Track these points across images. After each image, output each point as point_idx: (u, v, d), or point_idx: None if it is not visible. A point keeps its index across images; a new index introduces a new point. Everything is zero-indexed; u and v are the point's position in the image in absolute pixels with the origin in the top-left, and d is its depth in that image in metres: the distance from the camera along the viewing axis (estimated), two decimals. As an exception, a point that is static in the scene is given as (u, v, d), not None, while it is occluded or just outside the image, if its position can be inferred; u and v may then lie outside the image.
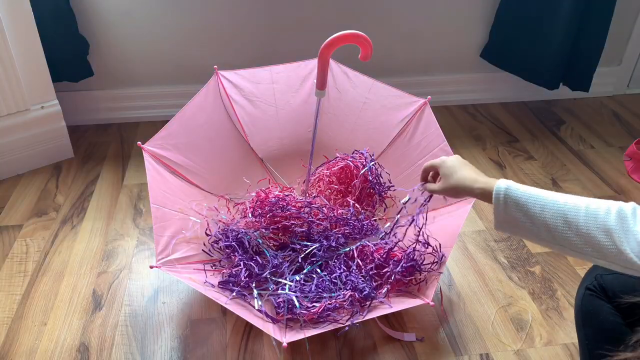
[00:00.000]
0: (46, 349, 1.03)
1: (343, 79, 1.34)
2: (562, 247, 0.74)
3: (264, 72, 1.33)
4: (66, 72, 1.65)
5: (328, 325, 0.97)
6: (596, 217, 0.70)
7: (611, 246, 0.68)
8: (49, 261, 1.24)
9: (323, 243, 1.11)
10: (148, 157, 1.14)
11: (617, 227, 0.68)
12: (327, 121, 1.34)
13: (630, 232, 0.67)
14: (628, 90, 2.09)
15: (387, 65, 1.86)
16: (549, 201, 0.74)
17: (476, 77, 1.96)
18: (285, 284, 1.04)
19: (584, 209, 0.71)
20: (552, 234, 0.73)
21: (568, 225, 0.72)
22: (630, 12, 1.89)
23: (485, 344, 1.05)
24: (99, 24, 1.66)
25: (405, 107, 1.30)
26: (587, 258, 0.73)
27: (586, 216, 0.70)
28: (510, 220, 0.77)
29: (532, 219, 0.75)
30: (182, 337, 1.06)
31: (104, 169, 1.58)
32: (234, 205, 1.26)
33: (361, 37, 1.03)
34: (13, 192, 1.47)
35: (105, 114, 1.82)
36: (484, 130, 1.83)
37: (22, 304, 1.13)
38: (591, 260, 0.72)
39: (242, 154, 1.33)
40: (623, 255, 0.67)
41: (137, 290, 1.17)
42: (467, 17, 1.84)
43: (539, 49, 1.74)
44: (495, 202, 0.78)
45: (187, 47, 1.75)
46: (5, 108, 1.45)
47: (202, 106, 1.25)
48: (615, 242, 0.68)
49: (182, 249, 1.07)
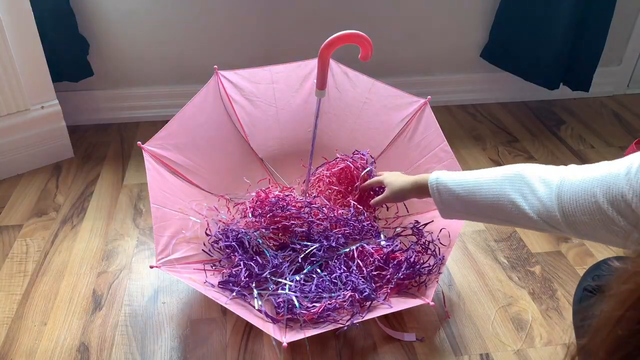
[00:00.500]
0: (46, 349, 1.03)
1: (343, 79, 1.34)
2: (490, 219, 0.82)
3: (264, 72, 1.33)
4: (66, 72, 1.65)
5: (328, 325, 0.98)
6: (501, 185, 0.77)
7: (515, 209, 0.75)
8: (49, 261, 1.24)
9: (323, 243, 1.11)
10: (148, 157, 1.14)
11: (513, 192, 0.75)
12: (327, 121, 1.34)
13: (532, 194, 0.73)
14: (628, 90, 2.09)
15: (387, 65, 1.86)
16: (470, 181, 0.83)
17: (476, 77, 1.96)
18: (285, 284, 1.04)
19: (492, 180, 0.79)
20: (478, 208, 0.82)
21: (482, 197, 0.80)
22: (630, 12, 1.90)
23: (485, 344, 1.05)
24: (99, 24, 1.66)
25: (405, 107, 1.30)
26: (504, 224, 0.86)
27: (493, 185, 0.78)
28: (448, 206, 0.87)
29: (462, 200, 0.84)
30: (182, 337, 1.06)
31: (104, 169, 1.58)
32: (234, 205, 1.26)
33: (361, 37, 1.03)
34: (13, 192, 1.47)
35: (105, 114, 1.82)
36: (484, 130, 1.83)
37: (22, 304, 1.13)
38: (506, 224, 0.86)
39: (242, 154, 1.33)
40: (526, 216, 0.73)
41: (137, 290, 1.17)
42: (467, 17, 1.84)
43: (539, 49, 1.74)
44: (432, 192, 0.88)
45: (187, 47, 1.75)
46: (5, 108, 1.45)
47: (202, 106, 1.25)
48: (518, 206, 0.74)
49: (182, 249, 1.07)
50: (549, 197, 0.70)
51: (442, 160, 1.21)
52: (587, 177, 0.67)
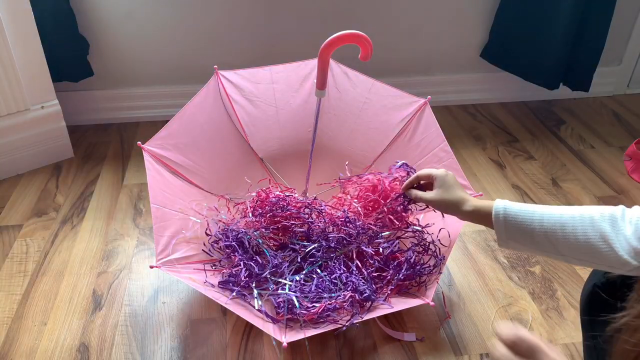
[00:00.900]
0: (46, 349, 1.03)
1: (343, 78, 1.34)
2: (564, 257, 0.77)
3: (264, 72, 1.33)
4: (66, 72, 1.65)
5: (328, 326, 0.97)
6: (592, 223, 0.73)
7: (607, 250, 0.71)
8: (49, 261, 1.24)
9: (322, 244, 1.11)
10: (148, 157, 1.14)
11: (610, 231, 0.71)
12: (327, 121, 1.34)
13: (621, 234, 0.70)
14: (628, 90, 2.09)
15: (387, 65, 1.86)
16: (546, 214, 0.78)
17: (476, 77, 1.96)
18: (285, 284, 1.04)
19: (579, 217, 0.75)
20: (553, 245, 0.77)
21: (566, 235, 0.75)
22: (630, 12, 1.90)
23: (485, 344, 1.05)
24: (99, 24, 1.66)
25: (405, 107, 1.30)
26: (587, 264, 0.77)
27: (582, 224, 0.74)
28: (513, 238, 0.81)
29: (532, 234, 0.78)
30: (182, 337, 1.06)
31: (104, 169, 1.58)
32: (234, 205, 1.26)
33: (361, 37, 1.03)
34: (13, 192, 1.47)
35: (105, 114, 1.82)
36: (484, 130, 1.83)
37: (22, 304, 1.13)
38: (592, 265, 0.76)
39: (242, 154, 1.33)
40: (618, 257, 0.70)
41: (137, 290, 1.17)
42: (467, 17, 1.84)
43: (539, 49, 1.74)
44: (496, 221, 0.82)
45: (187, 47, 1.75)
46: (5, 108, 1.45)
47: (202, 106, 1.25)
48: (611, 246, 0.70)
49: (182, 249, 1.07)
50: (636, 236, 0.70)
51: (442, 160, 1.21)
52: None
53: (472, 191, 1.17)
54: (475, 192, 1.16)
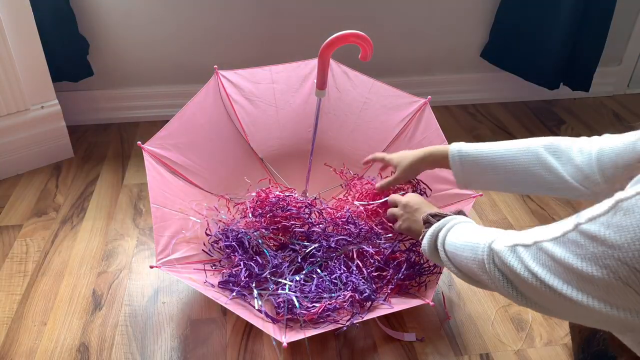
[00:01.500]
0: (46, 349, 1.03)
1: (343, 78, 1.34)
2: (517, 188, 0.89)
3: (264, 72, 1.33)
4: (66, 72, 1.65)
5: (328, 326, 0.97)
6: (537, 156, 0.83)
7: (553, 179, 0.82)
8: (48, 261, 1.24)
9: (322, 244, 1.11)
10: (148, 157, 1.14)
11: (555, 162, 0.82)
12: (327, 121, 1.34)
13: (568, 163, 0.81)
14: (628, 90, 2.09)
15: (387, 65, 1.86)
16: (496, 151, 0.88)
17: (476, 77, 1.96)
18: (285, 284, 1.04)
19: (525, 150, 0.85)
20: (505, 178, 0.87)
21: (515, 168, 0.86)
22: (630, 12, 1.89)
23: (485, 344, 1.05)
24: (99, 24, 1.66)
25: (405, 107, 1.30)
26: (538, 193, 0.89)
27: (527, 156, 0.84)
28: (469, 176, 0.92)
29: (486, 170, 0.89)
30: (182, 337, 1.06)
31: (104, 169, 1.58)
32: (234, 205, 1.26)
33: (361, 37, 1.03)
34: (13, 192, 1.47)
35: (105, 114, 1.82)
36: (484, 130, 1.83)
37: (22, 304, 1.13)
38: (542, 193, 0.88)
39: (242, 154, 1.33)
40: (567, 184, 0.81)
41: (137, 290, 1.17)
42: (467, 17, 1.84)
43: (539, 49, 1.74)
44: (452, 163, 0.93)
45: (187, 47, 1.75)
46: (5, 108, 1.44)
47: (202, 106, 1.25)
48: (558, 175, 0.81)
49: (182, 249, 1.07)
50: (588, 163, 0.78)
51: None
52: (626, 140, 0.76)
53: (472, 191, 1.18)
54: (475, 192, 1.17)
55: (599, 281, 0.51)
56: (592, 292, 0.53)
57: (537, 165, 0.84)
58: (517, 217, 1.41)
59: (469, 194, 1.17)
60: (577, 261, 0.53)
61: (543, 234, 0.59)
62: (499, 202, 1.46)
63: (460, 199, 1.18)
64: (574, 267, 0.53)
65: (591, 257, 0.52)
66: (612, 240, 0.50)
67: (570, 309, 0.57)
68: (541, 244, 0.58)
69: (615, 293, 0.51)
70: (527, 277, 0.59)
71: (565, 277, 0.55)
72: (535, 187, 0.86)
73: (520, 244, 0.61)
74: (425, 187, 1.16)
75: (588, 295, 0.54)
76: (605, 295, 0.52)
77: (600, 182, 0.78)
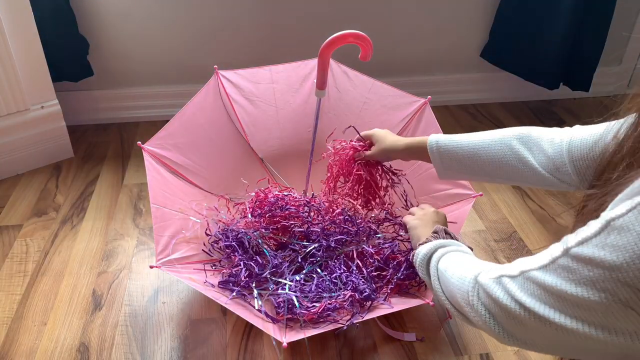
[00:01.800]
0: (46, 349, 1.03)
1: (343, 78, 1.34)
2: (491, 178, 0.90)
3: (264, 72, 1.33)
4: (66, 72, 1.65)
5: (328, 325, 0.97)
6: (510, 147, 0.85)
7: (525, 169, 0.83)
8: (48, 261, 1.24)
9: (322, 243, 1.11)
10: (148, 157, 1.14)
11: (526, 152, 0.84)
12: (327, 121, 1.34)
13: (540, 153, 0.82)
14: (628, 90, 2.08)
15: (387, 65, 1.86)
16: (471, 142, 0.90)
17: (476, 77, 1.96)
18: (285, 284, 1.04)
19: (499, 141, 0.87)
20: (480, 168, 0.89)
21: (490, 157, 0.87)
22: (630, 12, 1.89)
23: (485, 344, 1.05)
24: (99, 24, 1.66)
25: (405, 107, 1.30)
26: (511, 183, 0.91)
27: (501, 147, 0.86)
28: (448, 166, 0.93)
29: (462, 160, 0.90)
30: (182, 337, 1.06)
31: (104, 169, 1.58)
32: (234, 205, 1.26)
33: (361, 37, 1.03)
34: (13, 192, 1.47)
35: (105, 114, 1.82)
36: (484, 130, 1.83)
37: (22, 303, 1.13)
38: (516, 183, 0.89)
39: (242, 153, 1.33)
40: (538, 174, 0.81)
41: (137, 290, 1.17)
42: (467, 17, 1.84)
43: (539, 49, 1.74)
44: (431, 154, 0.94)
45: (187, 47, 1.75)
46: (5, 108, 1.44)
47: (202, 106, 1.25)
48: (529, 165, 0.83)
49: (182, 249, 1.07)
50: (559, 154, 0.80)
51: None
52: (595, 131, 0.78)
53: (471, 191, 1.17)
54: (475, 192, 1.17)
55: (596, 306, 0.49)
56: (588, 318, 0.50)
57: (509, 156, 0.85)
58: (517, 217, 1.41)
59: (469, 194, 1.17)
60: (570, 287, 0.50)
61: (529, 264, 0.56)
62: (498, 202, 1.46)
63: (460, 198, 1.19)
64: (568, 294, 0.51)
65: (586, 282, 0.49)
66: (609, 261, 0.47)
67: (561, 341, 0.54)
68: (528, 273, 0.55)
69: (614, 317, 0.48)
70: (513, 308, 0.56)
71: (557, 305, 0.52)
72: (509, 177, 0.87)
73: (505, 275, 0.59)
74: (391, 175, 1.15)
75: (584, 322, 0.50)
76: (604, 320, 0.49)
77: (571, 174, 0.79)
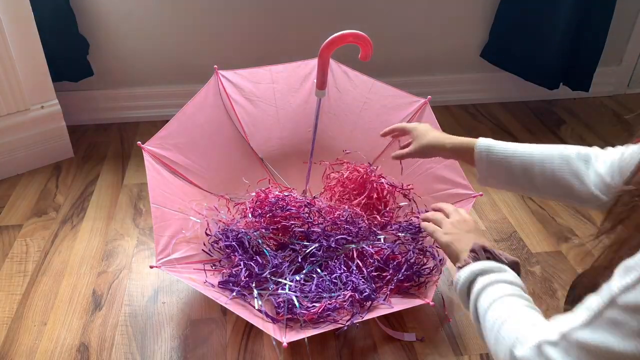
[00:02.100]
0: (46, 349, 1.03)
1: (343, 78, 1.34)
2: (538, 192, 0.85)
3: (264, 72, 1.33)
4: (66, 72, 1.65)
5: (328, 325, 0.97)
6: (569, 162, 0.81)
7: (580, 186, 0.80)
8: (48, 261, 1.24)
9: (322, 243, 1.11)
10: (148, 156, 1.14)
11: (584, 169, 0.81)
12: (327, 121, 1.34)
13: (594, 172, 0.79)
14: (628, 90, 2.09)
15: (387, 65, 1.86)
16: (526, 152, 0.85)
17: (476, 77, 1.96)
18: (285, 284, 1.04)
19: (558, 155, 0.83)
20: (530, 181, 0.84)
21: (544, 171, 0.83)
22: (630, 12, 1.89)
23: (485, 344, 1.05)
24: (99, 24, 1.66)
25: (405, 107, 1.30)
26: (560, 199, 0.86)
27: (559, 161, 0.82)
28: (493, 174, 0.88)
29: (512, 170, 0.85)
30: (182, 337, 1.06)
31: (104, 169, 1.58)
32: (234, 205, 1.26)
33: (361, 37, 1.03)
34: (13, 192, 1.47)
35: (105, 114, 1.82)
36: (484, 130, 1.83)
37: (22, 303, 1.13)
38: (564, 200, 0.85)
39: (242, 154, 1.33)
40: (590, 192, 0.79)
41: (137, 290, 1.17)
42: (467, 17, 1.84)
43: (539, 49, 1.74)
44: (478, 158, 0.89)
45: (187, 47, 1.75)
46: (5, 108, 1.44)
47: (202, 106, 1.25)
48: (584, 182, 0.80)
49: (182, 249, 1.07)
50: (609, 172, 0.78)
51: (442, 160, 1.21)
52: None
53: (472, 191, 1.17)
54: (475, 192, 1.17)
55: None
56: None
57: (566, 172, 0.81)
58: (517, 217, 1.41)
59: (469, 194, 1.17)
60: (619, 343, 0.46)
61: (569, 323, 0.51)
62: (499, 202, 1.46)
63: (461, 198, 1.18)
64: (616, 351, 0.46)
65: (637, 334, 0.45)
66: None
67: None
68: (570, 334, 0.50)
69: None
70: None
71: None
72: (561, 194, 0.83)
73: (545, 341, 0.53)
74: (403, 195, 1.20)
75: None
76: None
77: None
